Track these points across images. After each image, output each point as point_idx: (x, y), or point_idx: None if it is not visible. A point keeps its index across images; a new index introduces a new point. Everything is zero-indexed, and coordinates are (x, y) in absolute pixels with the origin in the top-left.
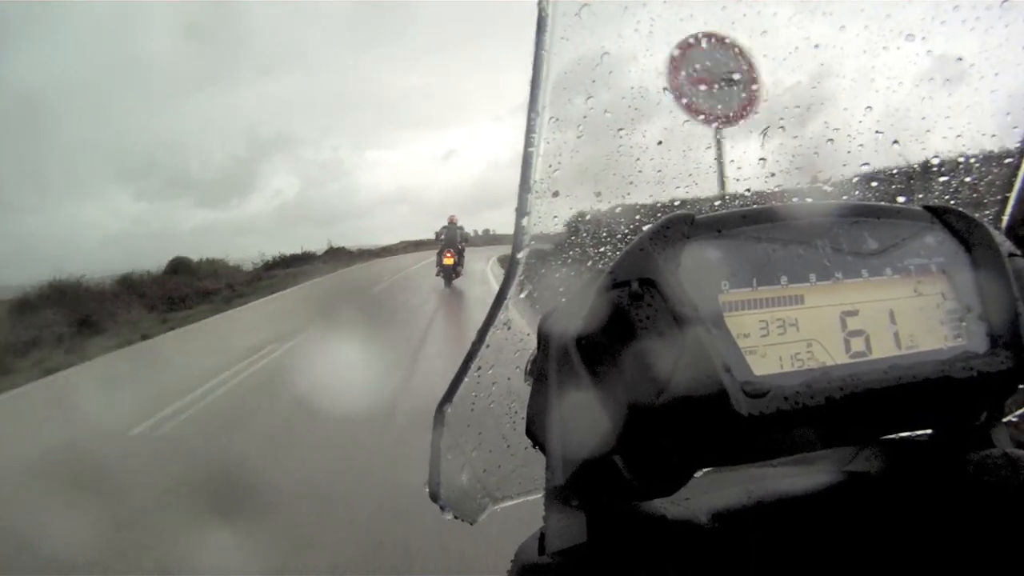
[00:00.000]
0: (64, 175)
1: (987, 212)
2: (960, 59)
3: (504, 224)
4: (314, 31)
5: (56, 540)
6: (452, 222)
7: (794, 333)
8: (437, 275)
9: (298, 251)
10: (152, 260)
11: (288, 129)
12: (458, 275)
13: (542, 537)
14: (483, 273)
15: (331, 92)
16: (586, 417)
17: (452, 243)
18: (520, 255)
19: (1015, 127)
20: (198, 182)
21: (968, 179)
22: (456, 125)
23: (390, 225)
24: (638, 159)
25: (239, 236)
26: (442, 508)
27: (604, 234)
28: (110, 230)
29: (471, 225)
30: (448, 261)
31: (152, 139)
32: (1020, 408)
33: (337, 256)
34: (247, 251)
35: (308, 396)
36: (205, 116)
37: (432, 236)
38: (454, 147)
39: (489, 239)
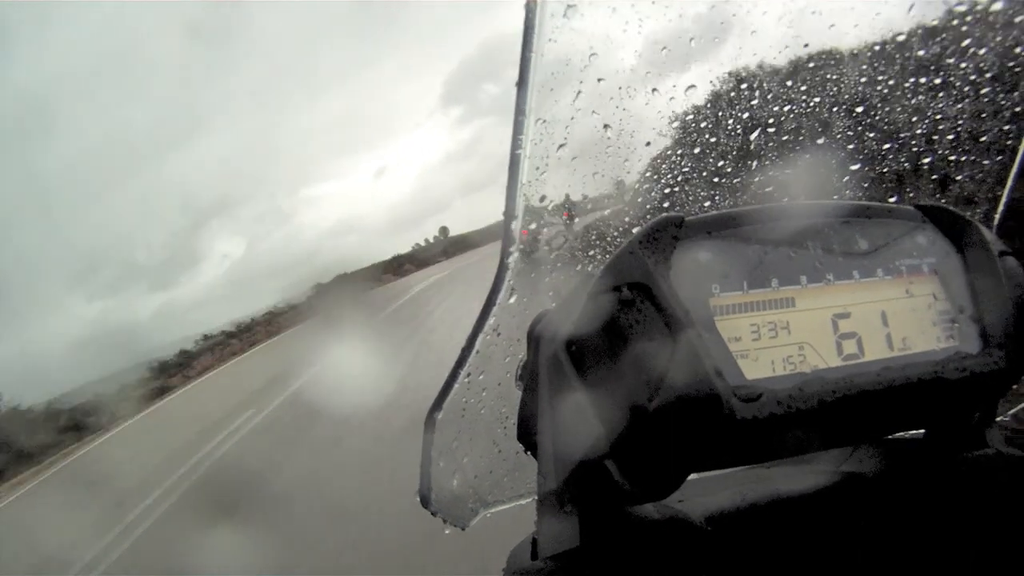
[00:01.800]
0: (11, 295)
1: (978, 210)
2: (951, 59)
3: (453, 225)
4: (222, 84)
5: None
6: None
7: (786, 336)
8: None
9: None
10: (121, 360)
11: (222, 190)
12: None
13: (534, 542)
14: None
15: (254, 142)
16: (577, 422)
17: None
18: (509, 259)
19: (1006, 126)
20: (147, 267)
21: (959, 178)
22: (379, 143)
23: (342, 257)
24: (626, 160)
25: (197, 309)
26: (433, 514)
27: (593, 236)
28: (71, 338)
29: (423, 234)
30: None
31: (93, 236)
32: (1013, 408)
33: None
34: (206, 324)
35: None
36: (139, 200)
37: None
38: (383, 164)
39: (453, 243)
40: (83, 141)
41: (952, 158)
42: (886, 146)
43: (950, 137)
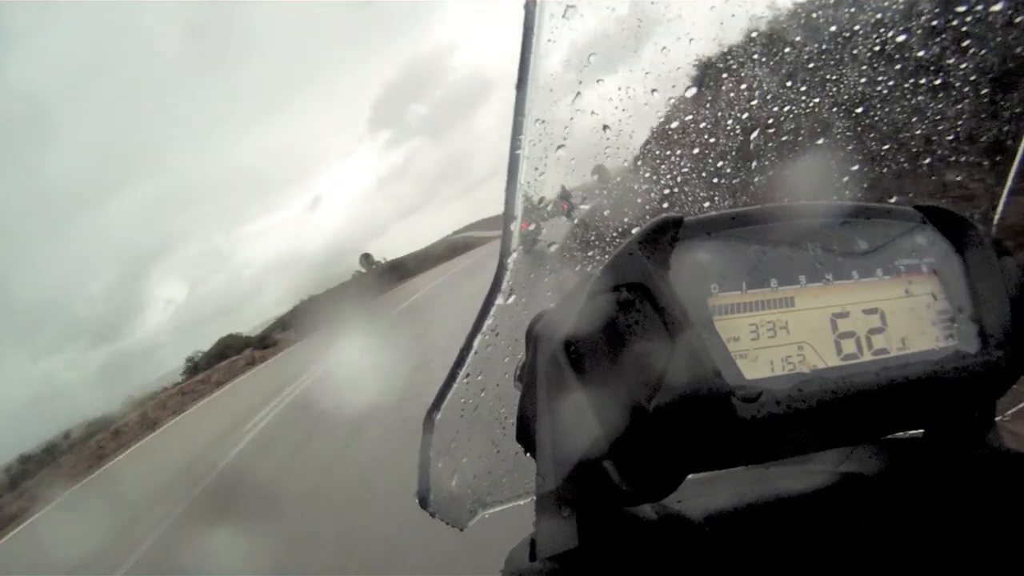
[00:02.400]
0: None
1: (977, 210)
2: (951, 60)
3: (391, 249)
4: (146, 127)
5: None
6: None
7: (784, 336)
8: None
9: None
10: (70, 419)
11: (157, 237)
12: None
13: (533, 543)
14: None
15: (185, 183)
16: (576, 422)
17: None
18: (508, 260)
19: (1005, 126)
20: (89, 321)
21: (958, 178)
22: (311, 173)
23: (284, 295)
24: (625, 161)
25: (144, 359)
26: (432, 515)
27: (592, 236)
28: (15, 400)
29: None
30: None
31: (30, 294)
32: (1013, 408)
33: None
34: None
35: None
36: (75, 253)
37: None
38: (317, 194)
39: (387, 270)
40: (10, 193)
41: (952, 158)
42: (886, 146)
43: (950, 137)
